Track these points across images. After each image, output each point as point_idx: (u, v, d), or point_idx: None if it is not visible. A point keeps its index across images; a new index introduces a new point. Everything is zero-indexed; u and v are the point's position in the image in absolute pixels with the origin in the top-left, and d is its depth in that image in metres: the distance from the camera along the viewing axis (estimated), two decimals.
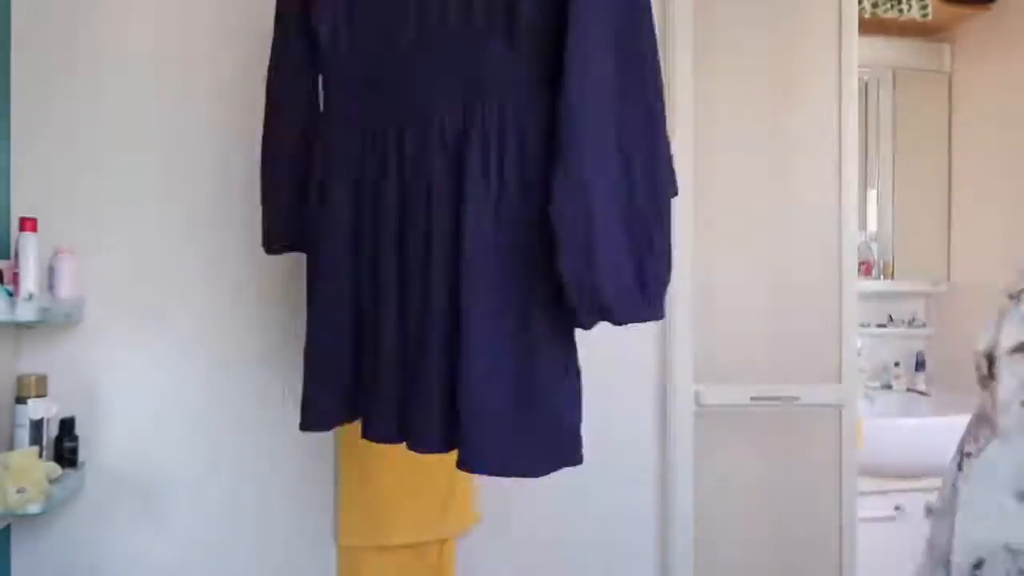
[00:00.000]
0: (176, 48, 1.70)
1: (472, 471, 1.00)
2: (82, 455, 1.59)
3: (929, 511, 2.34)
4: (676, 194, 1.01)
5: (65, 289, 1.55)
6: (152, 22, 1.69)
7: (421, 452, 1.06)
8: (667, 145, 0.95)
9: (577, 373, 1.05)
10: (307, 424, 1.23)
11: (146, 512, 1.65)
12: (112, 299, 1.64)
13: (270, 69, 1.34)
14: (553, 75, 0.94)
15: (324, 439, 1.76)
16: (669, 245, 0.93)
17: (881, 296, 2.86)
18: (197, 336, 1.69)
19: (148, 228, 1.67)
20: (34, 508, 1.34)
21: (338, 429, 1.75)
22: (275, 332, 1.73)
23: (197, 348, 1.69)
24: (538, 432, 0.99)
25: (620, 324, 0.93)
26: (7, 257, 1.53)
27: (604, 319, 0.93)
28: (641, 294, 0.90)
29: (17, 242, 1.47)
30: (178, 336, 1.68)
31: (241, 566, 1.70)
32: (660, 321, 1.76)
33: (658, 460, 1.96)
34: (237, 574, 1.70)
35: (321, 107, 1.26)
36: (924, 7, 2.57)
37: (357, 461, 1.69)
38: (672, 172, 0.98)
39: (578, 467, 1.03)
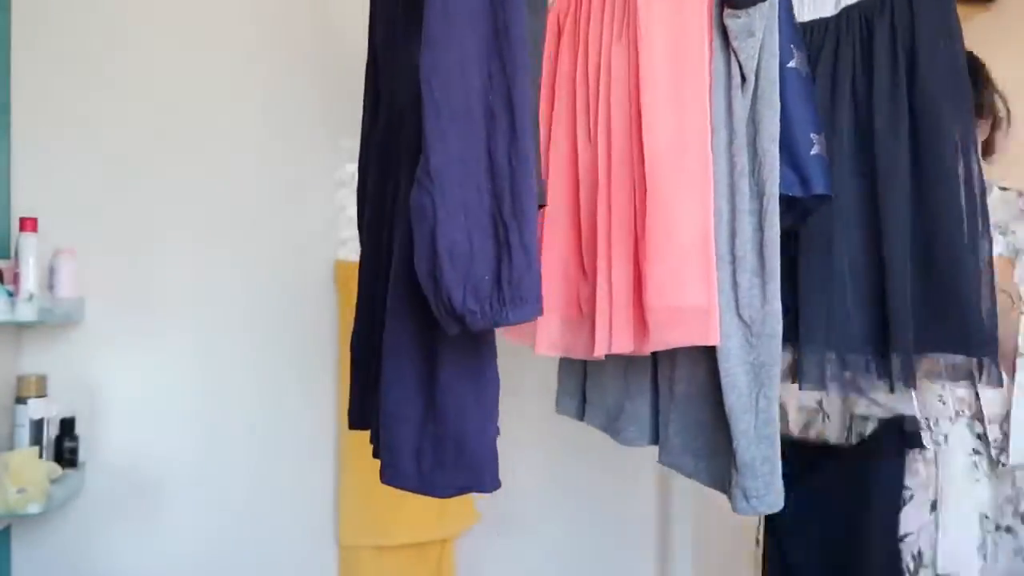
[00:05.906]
0: (177, 49, 1.70)
1: (383, 481, 0.95)
2: (82, 455, 1.59)
3: None
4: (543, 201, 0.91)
5: (65, 289, 1.55)
6: (151, 23, 1.69)
7: None
8: (531, 147, 0.86)
9: (493, 380, 0.94)
10: None
11: (146, 512, 1.65)
12: (112, 299, 1.64)
13: None
14: None
15: (324, 439, 1.76)
16: (528, 247, 0.84)
17: None
18: (197, 336, 1.69)
19: (148, 228, 1.67)
20: (34, 508, 1.34)
21: (338, 430, 1.76)
22: (275, 332, 1.74)
23: (197, 348, 1.69)
24: (440, 445, 0.91)
25: (477, 328, 0.85)
26: (7, 257, 1.53)
27: (458, 321, 0.85)
28: (497, 297, 0.83)
29: (17, 242, 1.47)
30: (178, 336, 1.68)
31: (241, 566, 1.70)
32: None
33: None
34: (237, 574, 1.70)
35: None
36: None
37: (357, 461, 1.69)
38: (538, 175, 0.90)
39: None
